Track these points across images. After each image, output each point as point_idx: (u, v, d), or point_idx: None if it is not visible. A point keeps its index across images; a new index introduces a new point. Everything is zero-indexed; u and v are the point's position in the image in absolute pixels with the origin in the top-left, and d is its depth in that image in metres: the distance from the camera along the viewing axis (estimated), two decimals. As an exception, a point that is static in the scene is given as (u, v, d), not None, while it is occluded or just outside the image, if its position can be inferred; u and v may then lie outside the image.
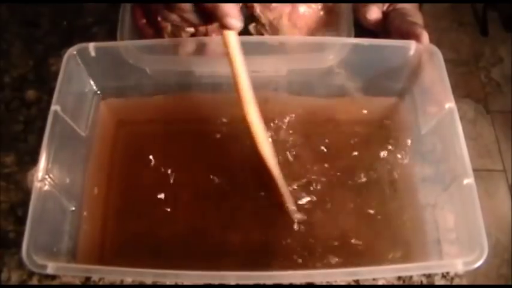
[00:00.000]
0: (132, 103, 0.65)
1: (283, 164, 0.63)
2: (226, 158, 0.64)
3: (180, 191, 0.62)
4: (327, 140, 0.65)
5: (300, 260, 0.58)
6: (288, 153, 0.64)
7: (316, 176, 0.63)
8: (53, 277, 0.58)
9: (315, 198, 0.61)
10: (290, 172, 0.63)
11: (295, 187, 0.62)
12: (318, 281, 0.57)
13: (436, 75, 0.56)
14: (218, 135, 0.65)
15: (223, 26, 0.47)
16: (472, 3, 1.92)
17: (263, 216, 0.60)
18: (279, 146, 0.64)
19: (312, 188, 0.62)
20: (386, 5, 0.64)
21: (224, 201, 0.61)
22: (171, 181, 0.62)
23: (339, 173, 0.63)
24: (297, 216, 0.59)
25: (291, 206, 0.59)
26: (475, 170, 0.50)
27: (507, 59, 1.82)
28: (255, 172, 0.62)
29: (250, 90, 0.52)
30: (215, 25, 0.61)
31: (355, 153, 0.64)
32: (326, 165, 0.63)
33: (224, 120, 0.66)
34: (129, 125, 0.66)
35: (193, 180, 0.63)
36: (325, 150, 0.64)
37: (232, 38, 0.49)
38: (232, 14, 0.47)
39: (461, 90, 1.71)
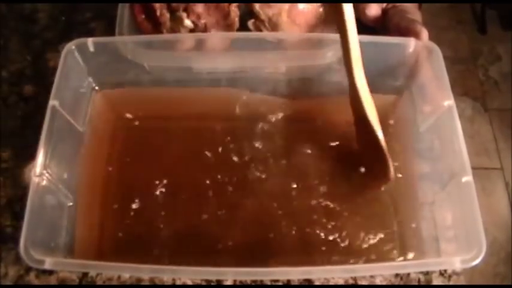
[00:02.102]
0: (130, 99, 0.65)
1: (281, 160, 0.63)
2: (225, 154, 0.64)
3: (178, 187, 0.62)
4: (325, 137, 0.65)
5: (297, 257, 0.58)
6: (285, 149, 0.64)
7: (313, 173, 0.63)
8: (50, 272, 0.58)
9: (312, 196, 0.61)
10: (287, 169, 0.63)
11: (294, 185, 0.62)
12: (315, 277, 0.57)
13: (435, 73, 0.56)
14: (217, 132, 0.65)
15: None
16: (471, 2, 1.92)
17: (261, 213, 0.60)
18: (277, 141, 0.64)
19: (308, 185, 0.62)
20: None
21: (222, 198, 0.61)
22: (170, 177, 0.62)
23: (336, 171, 0.63)
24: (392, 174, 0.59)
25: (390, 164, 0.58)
26: (472, 168, 0.50)
27: (505, 57, 1.82)
28: (253, 168, 0.62)
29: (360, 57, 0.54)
30: (214, 20, 0.61)
31: (354, 150, 0.64)
32: (324, 161, 0.63)
33: (223, 116, 0.66)
34: (127, 120, 0.66)
35: (191, 176, 0.63)
36: (323, 147, 0.64)
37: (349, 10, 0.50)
38: None
39: (459, 88, 1.71)
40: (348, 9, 0.50)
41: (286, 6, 0.61)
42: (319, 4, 0.63)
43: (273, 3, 0.61)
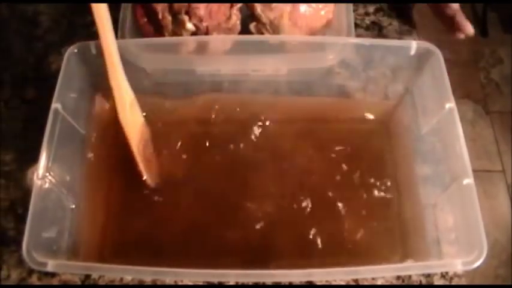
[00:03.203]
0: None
1: (283, 162, 0.63)
2: (226, 156, 0.64)
3: (180, 189, 0.62)
4: (326, 140, 0.65)
5: (299, 260, 0.58)
6: (287, 151, 0.64)
7: (315, 176, 0.63)
8: (53, 275, 0.58)
9: (314, 198, 0.61)
10: (289, 171, 0.63)
11: (295, 187, 0.62)
12: (317, 279, 0.57)
13: (436, 75, 0.56)
14: (218, 134, 0.65)
15: None
16: (472, 4, 1.92)
17: (263, 214, 0.60)
18: (277, 143, 0.64)
19: (310, 188, 0.62)
20: None
21: (224, 200, 0.61)
22: (171, 179, 0.62)
23: (338, 173, 0.63)
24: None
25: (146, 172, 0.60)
26: (473, 171, 0.50)
27: (507, 60, 1.82)
28: (255, 171, 0.62)
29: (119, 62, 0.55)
30: (216, 23, 0.61)
31: (355, 152, 0.64)
32: (326, 164, 0.64)
33: (225, 119, 0.66)
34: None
35: (193, 179, 0.63)
36: (324, 150, 0.65)
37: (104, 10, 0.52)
38: None
39: (461, 91, 1.71)
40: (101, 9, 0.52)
41: (287, 9, 0.61)
42: (320, 7, 0.63)
43: (274, 6, 0.61)
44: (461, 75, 1.76)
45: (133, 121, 0.58)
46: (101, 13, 0.52)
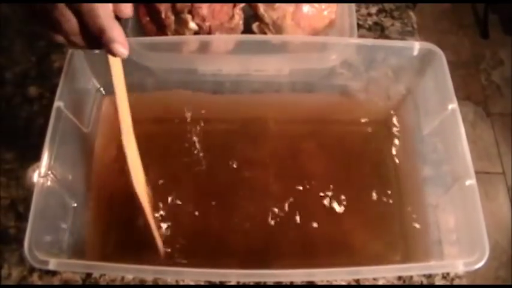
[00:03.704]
0: (134, 100, 0.64)
1: (286, 162, 0.63)
2: (228, 156, 0.64)
3: (181, 189, 0.62)
4: (329, 140, 0.65)
5: (300, 260, 0.58)
6: (288, 151, 0.64)
7: (316, 176, 0.63)
8: (54, 273, 0.58)
9: (315, 198, 0.61)
10: (290, 171, 0.63)
11: (299, 187, 0.62)
12: (318, 279, 0.57)
13: (438, 76, 0.56)
14: (221, 134, 0.65)
15: (109, 52, 0.44)
16: (473, 5, 1.92)
17: (264, 215, 0.60)
18: (279, 143, 0.64)
19: (311, 188, 0.62)
20: None
21: (226, 200, 0.61)
22: (173, 179, 0.62)
23: (340, 173, 0.63)
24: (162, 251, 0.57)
25: (158, 241, 0.57)
26: (474, 173, 0.50)
27: (507, 61, 1.82)
28: (257, 171, 0.62)
29: (130, 124, 0.52)
30: (219, 23, 0.61)
31: (357, 153, 0.64)
32: (327, 164, 0.64)
33: (227, 119, 0.66)
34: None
35: (195, 179, 0.63)
36: (326, 150, 0.64)
37: (118, 67, 0.49)
38: (120, 40, 0.43)
39: (461, 93, 1.71)
40: (117, 68, 0.49)
41: (290, 9, 0.61)
42: (323, 7, 0.63)
43: (277, 7, 0.61)
44: (462, 76, 1.76)
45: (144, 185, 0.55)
46: (117, 71, 0.49)
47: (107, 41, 0.43)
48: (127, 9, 0.46)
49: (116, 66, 0.48)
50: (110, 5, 0.44)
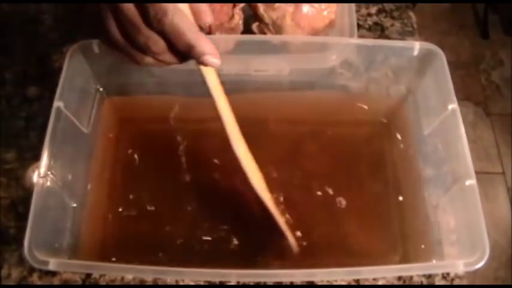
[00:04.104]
0: (134, 101, 0.65)
1: (286, 161, 0.63)
2: (228, 157, 0.64)
3: (181, 189, 0.62)
4: (329, 140, 0.65)
5: (300, 259, 0.58)
6: (288, 151, 0.64)
7: (317, 176, 0.63)
8: (53, 273, 0.58)
9: (315, 198, 0.61)
10: (291, 171, 0.63)
11: (299, 187, 0.62)
12: (318, 279, 0.57)
13: (439, 76, 0.56)
14: (220, 134, 0.65)
15: (201, 64, 0.45)
16: (473, 6, 1.92)
17: (264, 215, 0.60)
18: (279, 143, 0.64)
19: (312, 188, 0.62)
20: None
21: (226, 199, 0.61)
22: (173, 179, 0.62)
23: (340, 173, 0.63)
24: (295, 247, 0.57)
25: (290, 239, 0.57)
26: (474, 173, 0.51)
27: (507, 62, 1.82)
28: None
29: (236, 125, 0.51)
30: (218, 23, 0.61)
31: (357, 153, 0.64)
32: (327, 164, 0.64)
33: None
34: (132, 122, 0.66)
35: (195, 179, 0.63)
36: (326, 150, 0.64)
37: (212, 75, 0.48)
38: (211, 51, 0.44)
39: (461, 93, 1.71)
40: (211, 76, 0.48)
41: (290, 9, 0.61)
42: (323, 7, 0.63)
43: (277, 7, 0.61)
44: (461, 77, 1.76)
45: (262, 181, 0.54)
46: (211, 77, 0.48)
47: (197, 55, 0.43)
48: (208, 17, 0.46)
49: (209, 73, 0.47)
50: (191, 18, 0.44)
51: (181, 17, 0.42)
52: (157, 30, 0.42)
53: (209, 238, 0.59)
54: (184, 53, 0.44)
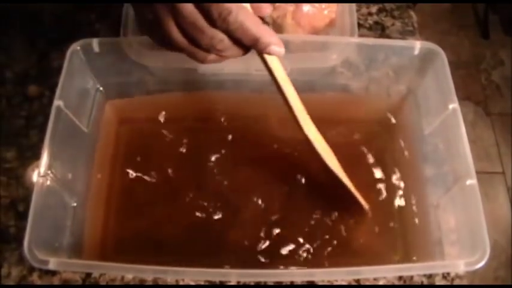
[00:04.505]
0: (134, 100, 0.65)
1: (285, 161, 0.63)
2: (228, 156, 0.64)
3: (181, 189, 0.62)
4: (328, 140, 0.64)
5: (301, 259, 0.58)
6: (289, 151, 0.64)
7: (317, 175, 0.63)
8: (53, 273, 0.58)
9: (315, 197, 0.61)
10: (291, 171, 0.63)
11: (299, 186, 0.62)
12: (319, 279, 0.57)
13: (439, 76, 0.56)
14: (220, 133, 0.65)
15: (267, 54, 0.47)
16: (473, 6, 1.92)
17: (265, 214, 0.60)
18: (280, 143, 0.64)
19: (312, 187, 0.62)
20: None
21: (225, 199, 0.61)
22: (173, 178, 0.62)
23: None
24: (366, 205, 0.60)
25: (361, 200, 0.59)
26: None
27: (508, 62, 1.82)
28: (257, 170, 0.62)
29: (304, 111, 0.53)
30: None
31: (358, 153, 0.64)
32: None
33: (227, 118, 0.66)
34: (132, 121, 0.66)
35: (194, 178, 0.63)
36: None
37: (277, 64, 0.49)
38: (275, 41, 0.46)
39: (461, 93, 1.69)
40: (276, 65, 0.49)
41: (291, 8, 0.61)
42: (323, 6, 0.63)
43: (277, 6, 0.61)
44: (462, 77, 1.76)
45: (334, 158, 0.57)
46: (276, 65, 0.49)
47: (262, 46, 0.45)
48: (267, 8, 0.47)
49: (274, 62, 0.49)
50: (252, 12, 0.44)
51: (244, 13, 0.42)
52: (222, 29, 0.43)
53: (209, 237, 0.59)
54: (249, 46, 0.45)
